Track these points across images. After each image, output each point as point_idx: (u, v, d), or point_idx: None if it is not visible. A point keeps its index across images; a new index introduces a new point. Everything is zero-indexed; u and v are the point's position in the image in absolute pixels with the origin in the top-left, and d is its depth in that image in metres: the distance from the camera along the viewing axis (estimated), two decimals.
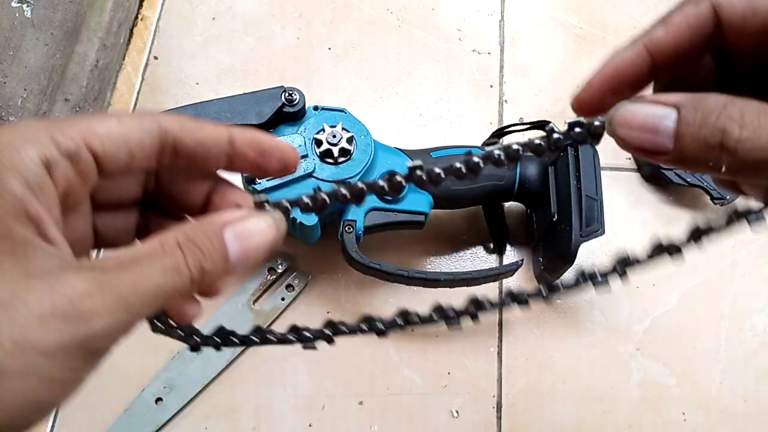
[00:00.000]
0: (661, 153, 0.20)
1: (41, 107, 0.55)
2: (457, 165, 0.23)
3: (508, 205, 0.56)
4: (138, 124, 0.22)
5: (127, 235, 0.26)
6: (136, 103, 0.62)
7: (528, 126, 0.57)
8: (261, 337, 0.26)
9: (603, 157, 0.50)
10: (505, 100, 0.62)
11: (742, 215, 0.22)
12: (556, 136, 0.22)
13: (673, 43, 0.21)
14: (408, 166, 0.23)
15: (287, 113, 0.48)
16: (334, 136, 0.47)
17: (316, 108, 0.49)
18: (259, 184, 0.46)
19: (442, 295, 0.54)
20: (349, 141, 0.48)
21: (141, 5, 0.66)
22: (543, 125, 0.56)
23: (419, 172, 0.23)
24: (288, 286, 0.53)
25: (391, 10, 0.66)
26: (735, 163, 0.19)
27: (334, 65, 0.63)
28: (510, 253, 0.55)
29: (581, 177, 0.47)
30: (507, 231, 0.55)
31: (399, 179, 0.23)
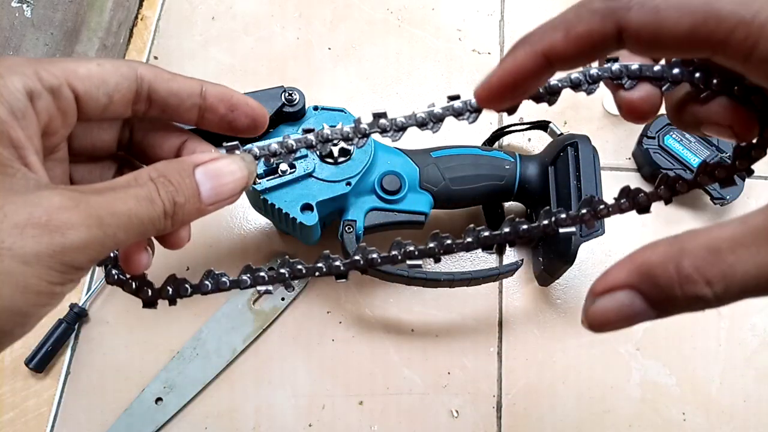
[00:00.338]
0: (653, 318, 0.20)
1: None
2: (421, 115, 0.26)
3: (508, 205, 0.56)
4: (116, 68, 0.24)
5: None
6: None
7: (528, 126, 0.57)
8: (213, 282, 0.26)
9: (603, 157, 0.50)
10: None
11: None
12: None
13: (572, 53, 0.21)
14: (372, 113, 0.26)
15: (287, 113, 0.48)
16: None
17: (316, 108, 0.49)
18: (259, 184, 0.46)
19: (444, 294, 0.54)
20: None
21: (141, 5, 0.66)
22: (543, 125, 0.56)
23: (383, 120, 0.26)
24: (288, 286, 0.53)
25: (391, 10, 0.66)
26: (729, 295, 0.18)
27: (334, 65, 0.63)
28: (510, 253, 0.55)
29: (581, 177, 0.47)
30: None
31: (364, 126, 0.27)
